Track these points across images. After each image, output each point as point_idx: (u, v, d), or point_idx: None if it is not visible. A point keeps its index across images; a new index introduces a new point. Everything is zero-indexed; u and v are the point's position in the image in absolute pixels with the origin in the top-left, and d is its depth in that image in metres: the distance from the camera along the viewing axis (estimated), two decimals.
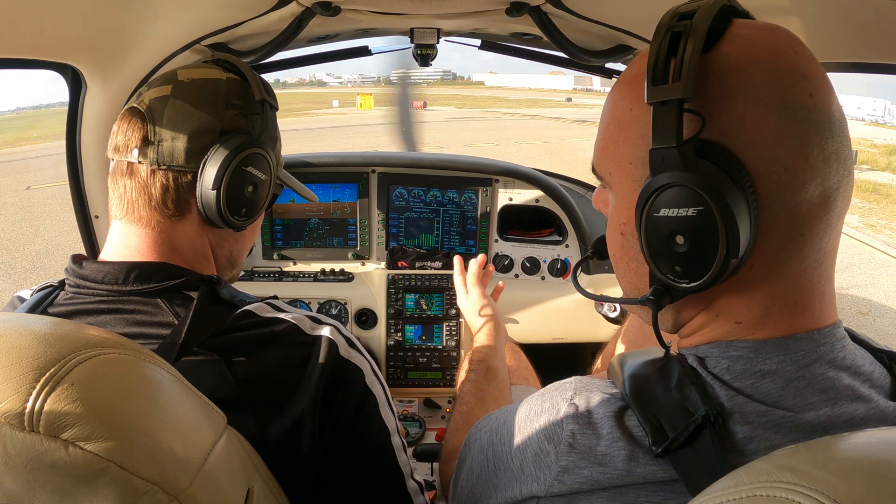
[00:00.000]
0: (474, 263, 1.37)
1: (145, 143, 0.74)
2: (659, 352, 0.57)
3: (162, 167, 0.74)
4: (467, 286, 1.36)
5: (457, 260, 1.43)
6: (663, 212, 0.48)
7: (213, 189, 0.75)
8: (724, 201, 0.46)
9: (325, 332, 0.75)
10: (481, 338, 1.24)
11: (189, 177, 0.76)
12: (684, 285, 0.50)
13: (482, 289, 1.35)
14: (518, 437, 0.60)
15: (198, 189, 0.76)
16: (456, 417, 1.01)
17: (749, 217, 0.47)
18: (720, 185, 0.46)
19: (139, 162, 0.74)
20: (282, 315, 0.74)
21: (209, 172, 0.75)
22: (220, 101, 0.77)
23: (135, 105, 0.76)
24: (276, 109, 0.85)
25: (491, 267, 1.48)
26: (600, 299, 0.69)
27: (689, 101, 0.47)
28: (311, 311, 0.84)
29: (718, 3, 0.49)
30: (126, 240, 0.76)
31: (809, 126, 0.47)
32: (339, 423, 0.74)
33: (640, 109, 0.53)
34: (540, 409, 0.58)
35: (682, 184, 0.47)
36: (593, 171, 0.61)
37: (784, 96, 0.47)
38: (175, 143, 0.74)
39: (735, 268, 0.49)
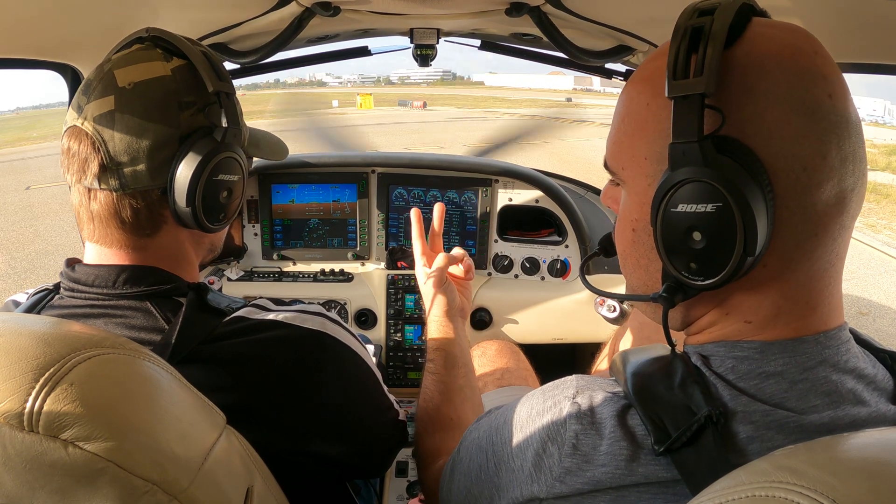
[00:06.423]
0: (442, 258, 1.09)
1: (103, 169, 0.69)
2: (661, 349, 0.57)
3: (128, 191, 0.70)
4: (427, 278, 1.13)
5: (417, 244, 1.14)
6: (681, 207, 0.48)
7: (187, 206, 0.71)
8: (744, 198, 0.45)
9: (316, 324, 0.76)
10: (436, 325, 1.11)
11: (158, 192, 0.72)
12: (698, 282, 0.50)
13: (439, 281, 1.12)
14: (519, 437, 0.59)
15: (171, 205, 0.72)
16: (423, 417, 0.95)
17: (766, 215, 0.47)
18: (740, 181, 0.46)
19: (101, 189, 0.70)
20: (271, 316, 0.74)
21: (180, 189, 0.71)
22: (171, 104, 0.71)
23: (78, 125, 0.70)
24: (233, 94, 0.77)
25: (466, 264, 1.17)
26: (608, 296, 0.67)
27: (710, 97, 0.46)
28: (301, 303, 0.83)
29: (739, 1, 0.49)
30: (106, 257, 0.73)
31: (828, 126, 0.47)
32: (340, 409, 0.78)
33: (657, 105, 0.52)
34: (542, 409, 0.58)
35: (701, 179, 0.47)
36: (605, 166, 0.60)
37: (804, 95, 0.47)
38: (136, 166, 0.70)
39: (750, 266, 0.48)
